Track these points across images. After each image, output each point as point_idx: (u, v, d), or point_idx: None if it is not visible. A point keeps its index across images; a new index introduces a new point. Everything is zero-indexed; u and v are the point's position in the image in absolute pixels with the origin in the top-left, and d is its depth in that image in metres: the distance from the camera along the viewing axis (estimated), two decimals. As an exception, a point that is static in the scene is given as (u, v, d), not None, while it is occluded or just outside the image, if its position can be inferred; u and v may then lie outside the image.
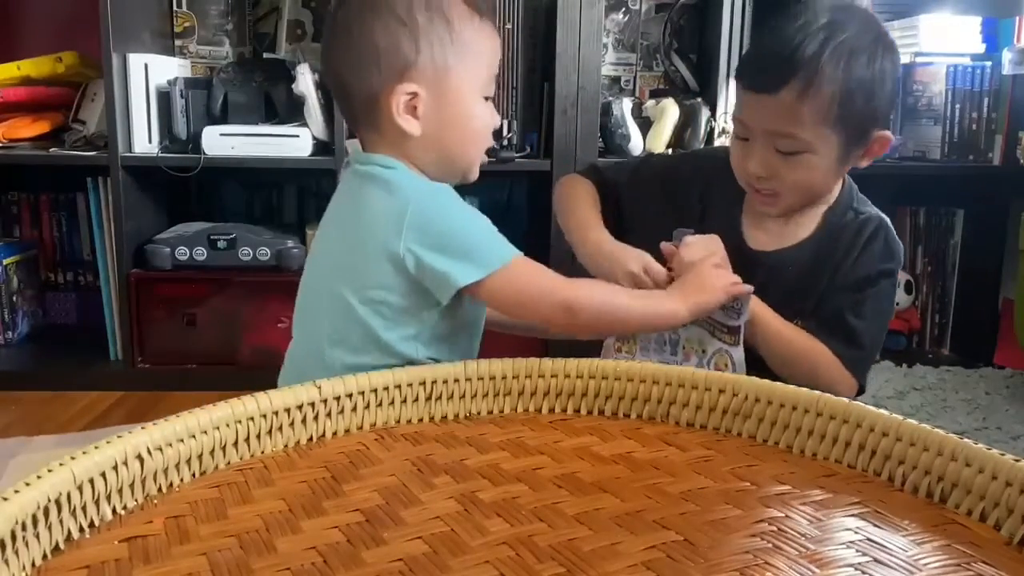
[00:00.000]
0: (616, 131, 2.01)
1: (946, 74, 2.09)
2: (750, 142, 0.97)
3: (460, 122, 0.90)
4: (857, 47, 0.93)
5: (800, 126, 0.93)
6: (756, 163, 0.96)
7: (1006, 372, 2.04)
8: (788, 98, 0.92)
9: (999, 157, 2.09)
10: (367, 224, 0.85)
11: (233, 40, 2.24)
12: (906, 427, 0.62)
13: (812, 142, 0.94)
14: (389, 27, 0.85)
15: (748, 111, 0.96)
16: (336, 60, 0.89)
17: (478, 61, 0.90)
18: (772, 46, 0.94)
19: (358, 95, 0.88)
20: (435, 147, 0.89)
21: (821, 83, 0.91)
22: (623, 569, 0.49)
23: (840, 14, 0.95)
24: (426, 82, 0.86)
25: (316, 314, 0.90)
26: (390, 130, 0.87)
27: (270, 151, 1.93)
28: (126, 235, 1.92)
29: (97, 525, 0.54)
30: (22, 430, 1.70)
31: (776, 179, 0.97)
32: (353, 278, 0.86)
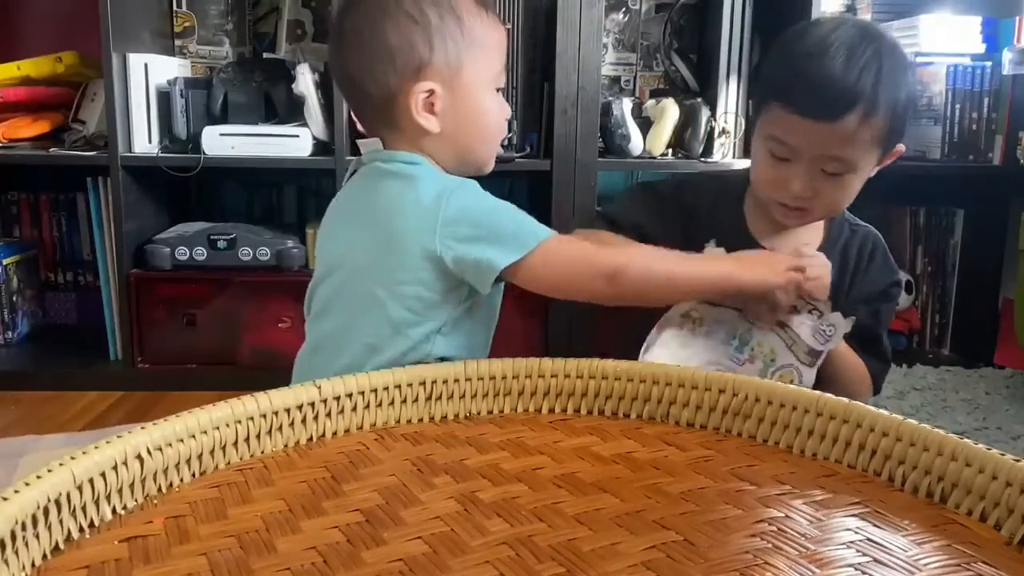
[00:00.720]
0: (616, 131, 2.01)
1: (946, 74, 2.09)
2: (793, 163, 0.96)
3: (476, 116, 0.91)
4: (899, 72, 0.95)
5: (855, 150, 0.95)
6: (801, 185, 0.96)
7: (1006, 372, 2.04)
8: (850, 125, 0.92)
9: (999, 157, 2.09)
10: (398, 222, 0.86)
11: (233, 40, 2.24)
12: (906, 427, 0.62)
13: (860, 163, 0.96)
14: (401, 26, 0.86)
15: (799, 136, 0.95)
16: (348, 64, 0.90)
17: (488, 54, 0.91)
18: (828, 75, 0.92)
19: (375, 96, 0.89)
20: (453, 142, 0.91)
21: (879, 109, 0.93)
22: (623, 569, 0.49)
23: (878, 39, 0.96)
24: (441, 79, 0.88)
25: (342, 313, 0.90)
26: (409, 128, 0.89)
27: (270, 151, 1.93)
28: (126, 235, 1.92)
29: (97, 525, 0.54)
30: (22, 430, 1.70)
31: (818, 197, 0.98)
32: (386, 276, 0.87)
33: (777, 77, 0.99)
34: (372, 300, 0.87)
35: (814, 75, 0.93)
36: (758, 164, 1.01)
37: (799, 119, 0.94)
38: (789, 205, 0.99)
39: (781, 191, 0.98)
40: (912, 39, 2.09)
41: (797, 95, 0.94)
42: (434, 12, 0.87)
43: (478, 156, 0.94)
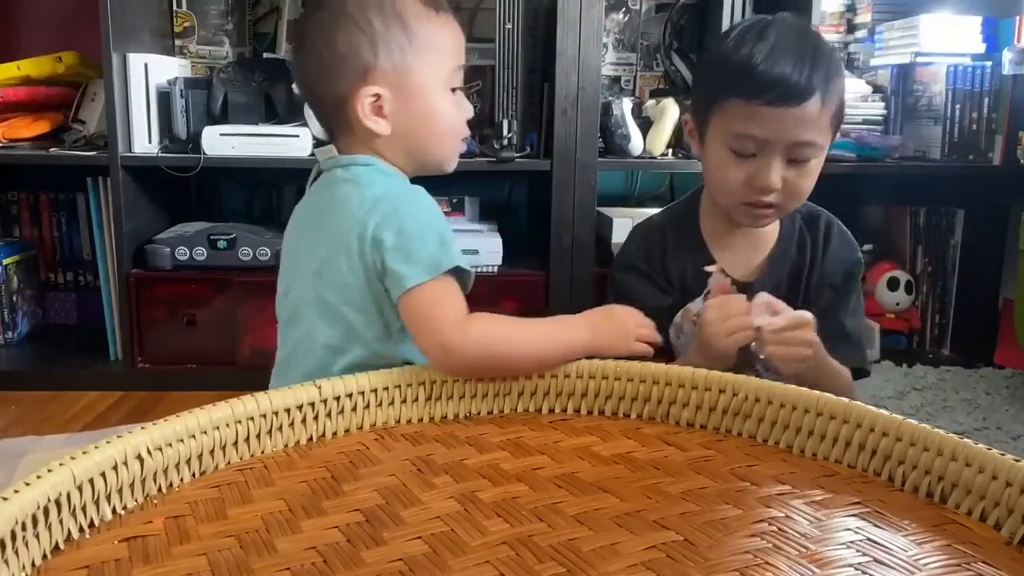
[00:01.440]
0: (616, 131, 2.01)
1: (946, 74, 2.09)
2: (760, 157, 0.97)
3: (427, 118, 0.92)
4: (836, 58, 1.00)
5: (819, 132, 0.97)
6: (775, 176, 0.97)
7: (1006, 372, 2.04)
8: (814, 107, 0.95)
9: (999, 157, 2.09)
10: (343, 227, 0.87)
11: (233, 40, 2.24)
12: (906, 427, 0.62)
13: (823, 145, 0.99)
14: (348, 34, 0.89)
15: (768, 126, 0.96)
16: (305, 71, 0.93)
17: (439, 56, 0.92)
18: (788, 64, 0.95)
19: (328, 102, 0.91)
20: (405, 143, 0.92)
21: (832, 92, 0.97)
22: (623, 569, 0.49)
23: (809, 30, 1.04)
24: (388, 83, 0.89)
25: (304, 323, 0.90)
26: (361, 131, 0.91)
27: (270, 151, 1.93)
28: (126, 235, 1.92)
29: (97, 525, 0.54)
30: (22, 430, 1.70)
31: (787, 188, 0.98)
32: (337, 280, 0.87)
33: (733, 76, 0.98)
34: (326, 306, 0.88)
35: (773, 65, 0.95)
36: (720, 169, 1.01)
37: (767, 109, 0.95)
38: (761, 202, 0.99)
39: (751, 189, 0.99)
40: (912, 39, 2.09)
41: (761, 86, 0.95)
42: (379, 19, 0.89)
43: (433, 156, 0.95)
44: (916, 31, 2.08)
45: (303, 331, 0.90)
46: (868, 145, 2.08)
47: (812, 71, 0.95)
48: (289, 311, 0.93)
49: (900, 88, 2.20)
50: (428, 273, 0.81)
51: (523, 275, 2.00)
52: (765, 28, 0.98)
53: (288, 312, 0.93)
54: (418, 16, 0.91)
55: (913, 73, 2.17)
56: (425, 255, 0.82)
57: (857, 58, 2.28)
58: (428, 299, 0.80)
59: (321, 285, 0.88)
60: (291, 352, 0.92)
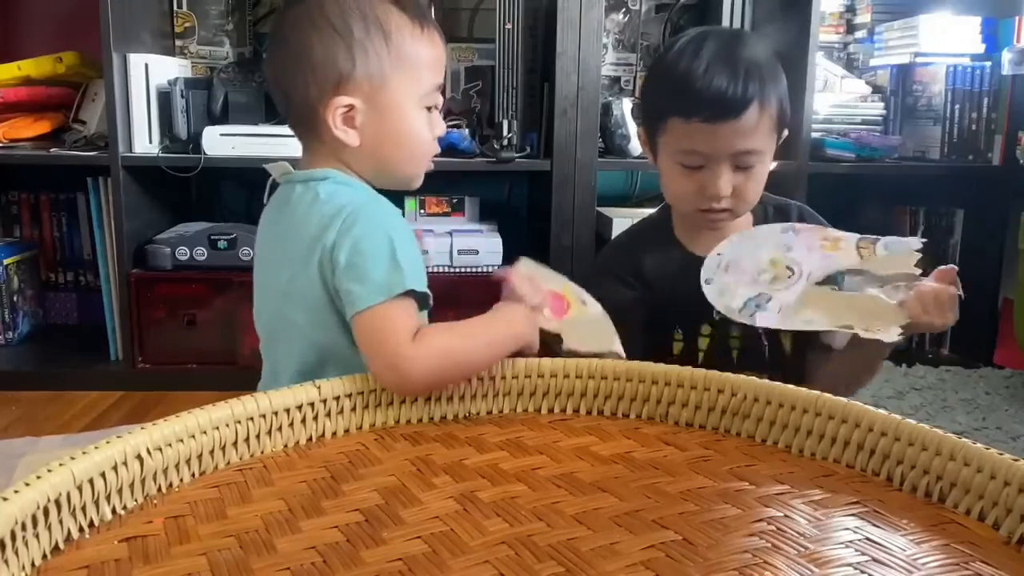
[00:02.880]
0: (616, 131, 2.01)
1: (946, 74, 2.09)
2: (707, 168, 1.02)
3: (398, 134, 0.89)
4: (772, 60, 1.04)
5: (759, 140, 1.01)
6: (725, 185, 1.01)
7: (1006, 372, 2.04)
8: (751, 119, 0.99)
9: (999, 157, 2.09)
10: (303, 244, 0.84)
11: (233, 40, 2.24)
12: (905, 427, 0.62)
13: (765, 151, 1.03)
14: (325, 38, 0.85)
15: (709, 141, 1.01)
16: (276, 70, 0.89)
17: (418, 72, 0.89)
18: (722, 80, 0.99)
19: (298, 106, 0.88)
20: (374, 157, 0.89)
21: (770, 99, 1.01)
22: (622, 569, 0.49)
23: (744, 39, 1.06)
24: (363, 94, 0.86)
25: (277, 343, 0.89)
26: (329, 140, 0.87)
27: (270, 151, 1.92)
28: (126, 235, 1.93)
29: (97, 525, 0.54)
30: (22, 430, 1.70)
31: (737, 194, 1.03)
32: (303, 300, 0.84)
33: (672, 95, 1.03)
34: (297, 328, 0.85)
35: (709, 83, 0.99)
36: (672, 181, 1.06)
37: (706, 126, 0.99)
38: (714, 209, 1.04)
39: (703, 198, 1.03)
40: (912, 39, 2.10)
41: (697, 105, 0.99)
42: (360, 26, 0.85)
43: (400, 172, 0.92)
44: (916, 31, 2.08)
45: (276, 353, 0.89)
46: (868, 145, 2.08)
47: (746, 83, 0.98)
48: (265, 332, 0.91)
49: (900, 88, 2.20)
50: (380, 295, 0.77)
51: (523, 275, 2.00)
52: (700, 43, 1.01)
53: (265, 332, 0.91)
54: (401, 29, 0.87)
55: (913, 73, 2.17)
56: (377, 276, 0.78)
57: (857, 58, 2.28)
58: (378, 322, 0.76)
59: (290, 307, 0.86)
60: (272, 371, 0.91)
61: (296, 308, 0.85)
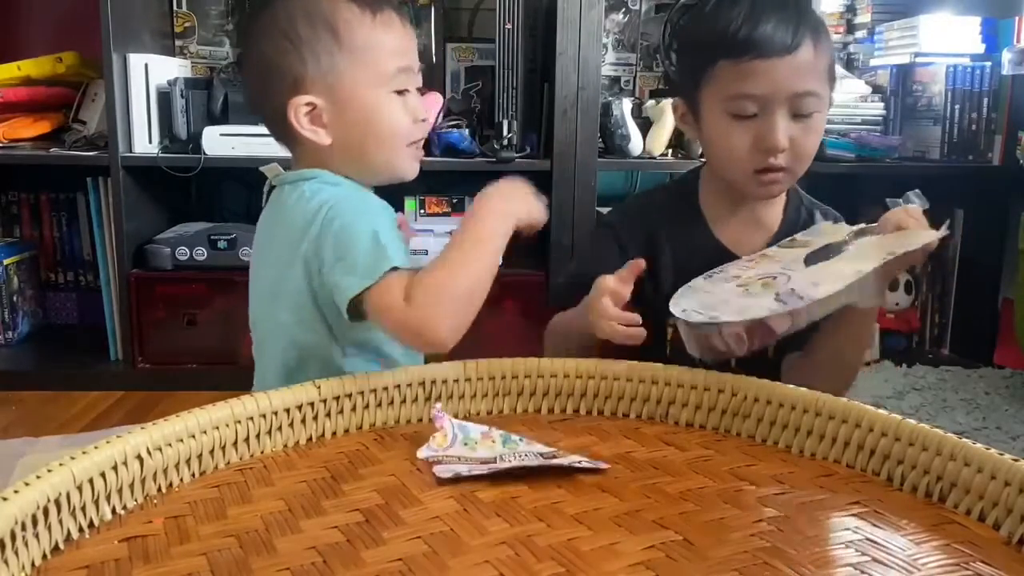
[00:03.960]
0: (616, 131, 2.01)
1: (946, 74, 2.09)
2: (761, 117, 0.95)
3: (366, 123, 0.89)
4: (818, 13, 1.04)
5: (819, 80, 0.95)
6: (781, 134, 0.94)
7: (1006, 372, 2.04)
8: (807, 54, 0.93)
9: (999, 157, 2.09)
10: (287, 244, 0.85)
11: (233, 40, 2.24)
12: (905, 427, 0.62)
13: (824, 97, 0.96)
14: (277, 44, 0.87)
15: (766, 81, 0.93)
16: (246, 84, 0.92)
17: (374, 56, 0.89)
18: (770, 13, 0.93)
19: (268, 114, 0.90)
20: (348, 152, 0.89)
21: (823, 41, 0.95)
22: (622, 569, 0.49)
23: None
24: (321, 92, 0.87)
25: (264, 343, 0.90)
26: (304, 142, 0.88)
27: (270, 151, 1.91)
28: (126, 235, 1.93)
29: (97, 525, 0.54)
30: (22, 430, 1.70)
31: (794, 148, 0.95)
32: (287, 300, 0.86)
33: (719, 38, 0.95)
34: (279, 326, 0.87)
35: (759, 19, 0.93)
36: (722, 137, 0.97)
37: (760, 63, 0.92)
38: (771, 166, 0.96)
39: (760, 152, 0.95)
40: (912, 39, 2.10)
41: (749, 42, 0.93)
42: (306, 27, 0.87)
43: (380, 161, 0.91)
44: (916, 31, 2.08)
45: (267, 354, 0.90)
46: (868, 145, 2.08)
47: (799, 21, 0.93)
48: (256, 333, 0.92)
49: (900, 88, 2.20)
50: (367, 279, 0.77)
51: (523, 275, 2.00)
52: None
53: (256, 334, 0.92)
54: (349, 21, 0.87)
55: (913, 73, 2.17)
56: (363, 261, 0.79)
57: (857, 58, 2.28)
58: (375, 302, 0.77)
59: (276, 306, 0.87)
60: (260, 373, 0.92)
61: (281, 307, 0.86)
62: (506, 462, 0.62)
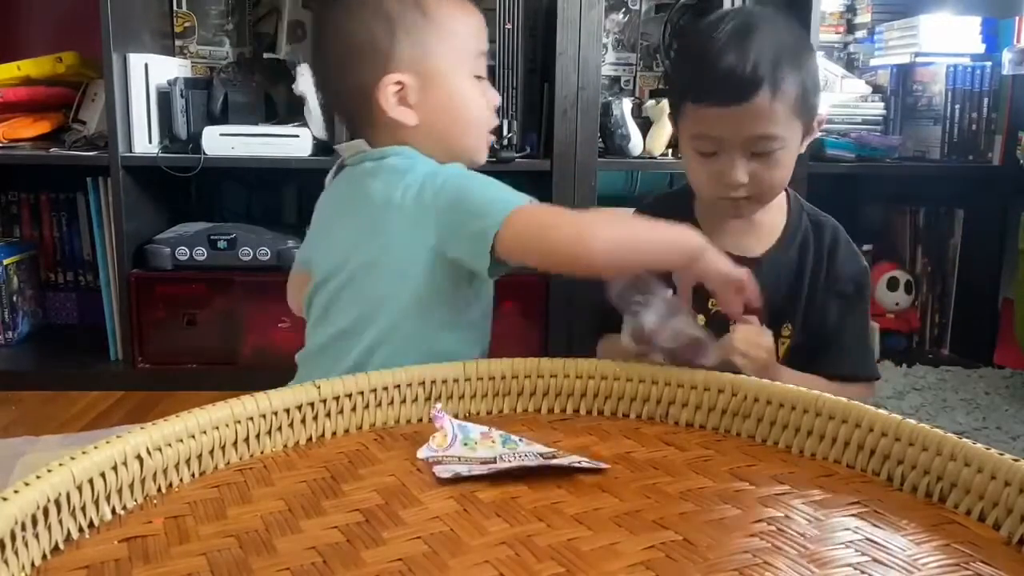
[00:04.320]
0: (616, 131, 2.01)
1: (946, 74, 2.09)
2: (721, 155, 0.99)
3: (451, 104, 0.91)
4: (797, 44, 1.01)
5: (776, 124, 0.97)
6: (740, 172, 0.98)
7: (1005, 372, 2.04)
8: (762, 103, 0.95)
9: (999, 157, 2.09)
10: (393, 218, 0.86)
11: (233, 40, 2.24)
12: (905, 427, 0.62)
13: (786, 136, 0.98)
14: (365, 22, 0.88)
15: (719, 125, 0.98)
16: (326, 64, 0.92)
17: (458, 40, 0.91)
18: (730, 60, 0.95)
19: (352, 95, 0.90)
20: (433, 133, 0.90)
21: (785, 82, 0.96)
22: (622, 569, 0.49)
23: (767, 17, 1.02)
24: (410, 70, 0.88)
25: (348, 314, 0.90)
26: (388, 123, 0.89)
27: (270, 151, 1.93)
28: (126, 235, 1.92)
29: (97, 525, 0.54)
30: (22, 430, 1.70)
31: (755, 182, 0.99)
32: (388, 272, 0.87)
33: (684, 79, 1.02)
34: (376, 299, 0.87)
35: (717, 65, 0.96)
36: (692, 168, 1.03)
37: (716, 110, 0.96)
38: (732, 197, 1.00)
39: (722, 186, 1.00)
40: (912, 39, 2.09)
41: (707, 88, 0.97)
42: (395, 4, 0.88)
43: (462, 145, 0.93)
44: (916, 31, 2.08)
45: (343, 325, 0.90)
46: (868, 145, 2.08)
47: (756, 65, 0.94)
48: (325, 304, 0.92)
49: (900, 88, 2.20)
50: (511, 205, 0.81)
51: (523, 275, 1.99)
52: (717, 26, 0.98)
53: (323, 306, 0.92)
54: (436, 1, 0.90)
55: (913, 73, 2.17)
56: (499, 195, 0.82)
57: (857, 58, 2.28)
58: (533, 218, 0.81)
59: (372, 278, 0.87)
60: (325, 345, 0.91)
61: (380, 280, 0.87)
62: (506, 462, 0.62)
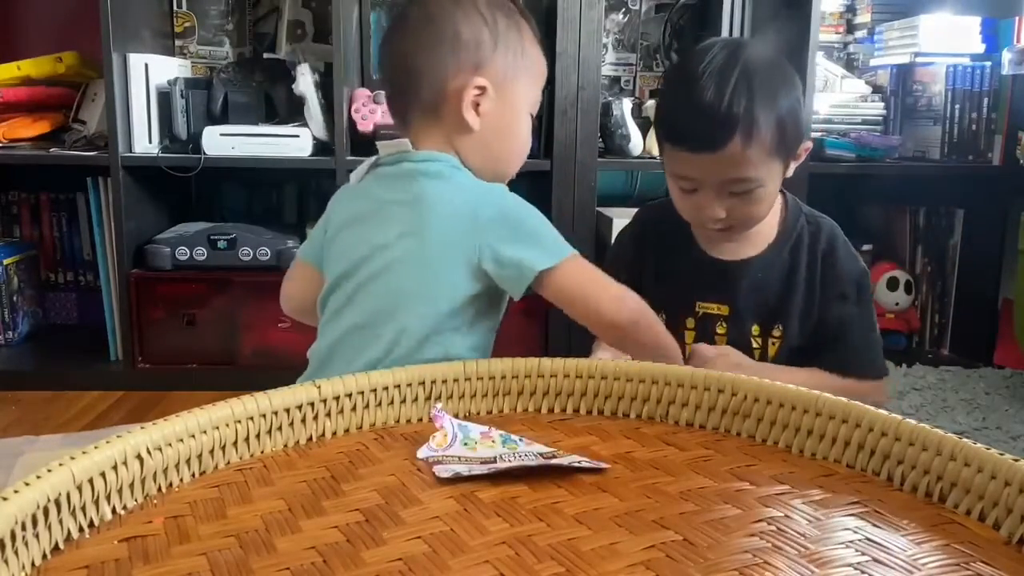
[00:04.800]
0: (616, 131, 2.01)
1: (946, 74, 2.09)
2: (700, 192, 1.01)
3: (512, 128, 0.94)
4: (775, 82, 0.98)
5: (750, 168, 0.98)
6: (717, 210, 1.00)
7: (1005, 372, 2.04)
8: (734, 150, 0.95)
9: (999, 157, 2.09)
10: (436, 224, 0.87)
11: (233, 40, 2.24)
12: (905, 427, 0.62)
13: (762, 177, 0.99)
14: (472, 20, 0.90)
15: (694, 168, 0.99)
16: (408, 49, 0.92)
17: (534, 80, 0.95)
18: (701, 107, 0.95)
19: (427, 83, 0.91)
20: (485, 147, 0.93)
21: (759, 128, 0.96)
22: (622, 569, 0.49)
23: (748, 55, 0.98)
24: (495, 81, 0.91)
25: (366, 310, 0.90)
26: (451, 121, 0.91)
27: (270, 151, 1.93)
28: (126, 235, 1.93)
29: (97, 525, 0.54)
30: (22, 430, 1.70)
31: (734, 215, 1.01)
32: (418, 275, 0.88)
33: (662, 120, 1.05)
34: (399, 298, 0.88)
35: (690, 113, 0.97)
36: (675, 199, 1.06)
37: (689, 155, 0.98)
38: (712, 228, 1.03)
39: (699, 219, 1.03)
40: (912, 39, 2.10)
41: (680, 135, 0.99)
42: (504, 21, 0.91)
43: (504, 167, 0.96)
44: (916, 31, 2.08)
45: (360, 321, 0.90)
46: (868, 145, 2.08)
47: (728, 112, 0.94)
48: (344, 299, 0.92)
49: (900, 88, 2.20)
50: (556, 257, 0.86)
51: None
52: (701, 58, 0.97)
53: (343, 300, 0.92)
54: (531, 39, 0.95)
55: (913, 73, 2.17)
56: (545, 242, 0.87)
57: (857, 58, 2.28)
58: (583, 272, 0.89)
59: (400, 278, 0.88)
60: (340, 339, 0.92)
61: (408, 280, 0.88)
62: (506, 462, 0.62)
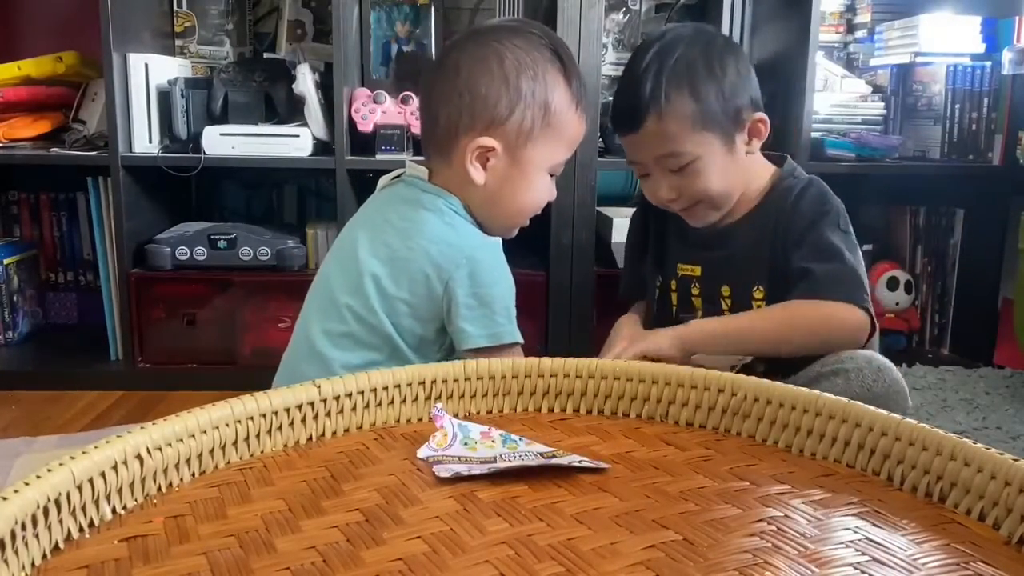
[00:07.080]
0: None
1: (946, 74, 2.09)
2: (650, 175, 1.08)
3: (520, 189, 0.96)
4: (691, 60, 1.03)
5: (674, 143, 1.03)
6: (664, 189, 1.07)
7: (1005, 372, 2.04)
8: (652, 127, 1.03)
9: (999, 157, 2.09)
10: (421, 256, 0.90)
11: (233, 40, 2.24)
12: (905, 426, 0.62)
13: (693, 150, 1.04)
14: (495, 82, 0.91)
15: (631, 150, 1.08)
16: (435, 93, 0.95)
17: (559, 144, 0.96)
18: (624, 92, 1.06)
19: (442, 129, 0.93)
20: (490, 201, 0.95)
21: (672, 103, 1.02)
22: (622, 569, 0.49)
23: (667, 39, 1.06)
24: (506, 142, 0.92)
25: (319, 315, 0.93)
26: (458, 170, 0.94)
27: (270, 151, 1.93)
28: (126, 235, 1.92)
29: (97, 525, 0.54)
30: (22, 430, 1.70)
31: (683, 195, 1.07)
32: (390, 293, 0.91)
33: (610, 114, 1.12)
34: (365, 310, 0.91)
35: (617, 100, 1.08)
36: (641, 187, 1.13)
37: (625, 139, 1.08)
38: (672, 209, 1.10)
39: (658, 200, 1.10)
40: (912, 39, 2.09)
41: (613, 121, 1.10)
42: (528, 86, 0.91)
43: (506, 222, 0.99)
44: (916, 31, 2.08)
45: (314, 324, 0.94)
46: (868, 145, 2.08)
47: (638, 91, 1.02)
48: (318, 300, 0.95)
49: (900, 88, 2.20)
50: (491, 341, 0.89)
51: (523, 275, 1.99)
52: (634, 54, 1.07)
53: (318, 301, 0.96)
54: (561, 102, 0.94)
55: (913, 73, 2.17)
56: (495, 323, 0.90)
57: (857, 58, 2.28)
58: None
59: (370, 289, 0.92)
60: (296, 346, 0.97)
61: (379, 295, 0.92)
62: (506, 462, 0.62)
